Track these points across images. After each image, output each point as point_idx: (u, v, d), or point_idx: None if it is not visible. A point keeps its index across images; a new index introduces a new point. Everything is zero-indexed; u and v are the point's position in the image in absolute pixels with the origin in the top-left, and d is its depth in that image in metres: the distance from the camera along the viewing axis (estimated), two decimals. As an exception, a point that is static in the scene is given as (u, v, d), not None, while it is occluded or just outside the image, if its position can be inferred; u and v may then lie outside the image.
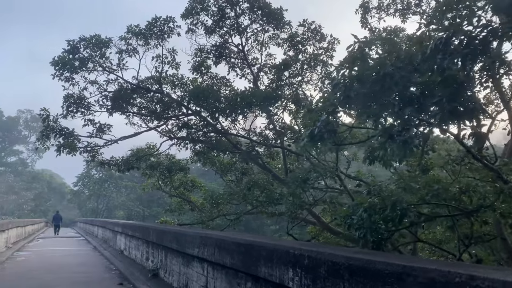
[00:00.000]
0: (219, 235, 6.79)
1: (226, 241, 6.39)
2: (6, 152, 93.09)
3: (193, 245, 7.92)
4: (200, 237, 7.51)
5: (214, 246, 6.82)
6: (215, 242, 6.80)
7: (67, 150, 13.25)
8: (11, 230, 21.67)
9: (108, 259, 16.63)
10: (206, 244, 7.20)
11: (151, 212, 75.29)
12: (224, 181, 18.41)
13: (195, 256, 7.86)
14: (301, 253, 4.36)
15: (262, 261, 5.15)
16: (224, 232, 7.57)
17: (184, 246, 8.52)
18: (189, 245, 8.16)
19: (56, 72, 12.93)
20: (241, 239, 5.99)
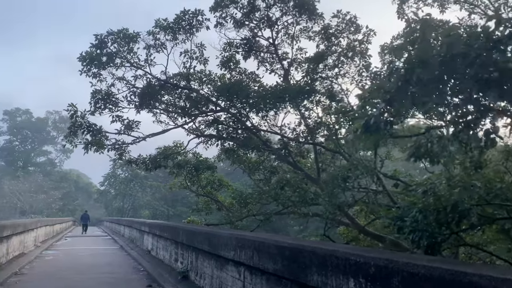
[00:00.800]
0: (258, 237, 6.23)
1: (266, 244, 5.83)
2: (36, 152, 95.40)
3: (227, 247, 7.40)
4: (236, 238, 6.97)
5: (253, 249, 6.27)
6: (253, 245, 6.25)
7: (94, 148, 12.97)
8: (40, 229, 21.75)
9: (135, 259, 16.34)
10: (243, 247, 6.65)
11: (175, 211, 75.76)
12: (252, 180, 17.86)
13: (230, 259, 7.33)
14: (365, 261, 3.74)
15: (313, 268, 4.55)
16: (262, 233, 7.02)
17: (217, 248, 8.00)
18: (223, 247, 7.64)
19: (84, 68, 12.67)
20: (285, 242, 5.42)
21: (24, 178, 70.36)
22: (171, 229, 12.54)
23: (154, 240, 16.19)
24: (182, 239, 11.03)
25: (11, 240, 14.41)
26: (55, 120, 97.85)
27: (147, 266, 14.10)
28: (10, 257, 14.26)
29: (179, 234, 11.42)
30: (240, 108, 12.90)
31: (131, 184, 74.02)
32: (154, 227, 15.59)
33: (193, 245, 10.02)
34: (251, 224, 19.86)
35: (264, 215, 14.29)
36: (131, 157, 15.38)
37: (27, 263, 14.58)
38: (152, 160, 15.97)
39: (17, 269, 12.86)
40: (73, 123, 12.39)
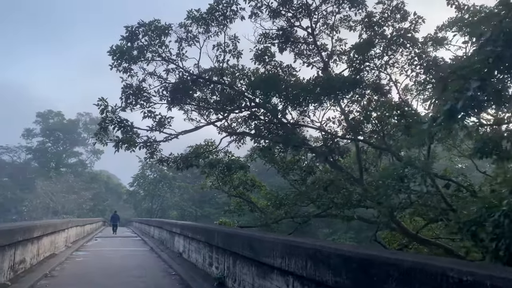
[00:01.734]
0: (313, 244, 5.39)
1: (325, 252, 4.99)
2: (67, 153, 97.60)
3: (273, 253, 6.58)
4: (284, 244, 6.15)
5: (306, 258, 5.44)
6: (306, 253, 5.42)
7: (125, 146, 12.43)
8: (71, 229, 21.58)
9: (166, 262, 15.76)
10: (293, 254, 5.82)
11: (203, 212, 75.77)
12: (287, 181, 16.99)
13: (275, 267, 6.52)
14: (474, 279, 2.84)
15: (393, 283, 3.68)
16: (314, 239, 6.18)
17: (259, 253, 7.20)
18: (267, 253, 6.84)
19: (114, 62, 12.16)
20: (350, 251, 4.55)
21: (56, 179, 71.88)
22: (205, 231, 11.83)
23: (185, 242, 15.57)
24: (217, 242, 10.30)
25: (41, 241, 14.08)
26: (85, 122, 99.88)
27: (179, 269, 13.46)
28: (41, 258, 13.94)
29: (214, 236, 10.70)
30: (279, 104, 12.05)
31: (160, 185, 74.49)
32: (186, 229, 14.97)
33: (230, 249, 9.26)
34: (284, 227, 18.98)
35: (302, 218, 13.39)
36: (162, 155, 14.80)
37: (58, 264, 14.22)
38: (183, 159, 15.34)
39: (48, 271, 12.47)
40: (104, 119, 11.87)
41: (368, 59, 11.81)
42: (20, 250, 11.20)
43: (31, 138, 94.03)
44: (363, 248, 4.94)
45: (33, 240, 12.61)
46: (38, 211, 64.95)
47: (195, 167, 16.95)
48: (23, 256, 11.57)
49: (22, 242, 11.24)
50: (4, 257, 9.71)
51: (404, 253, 5.33)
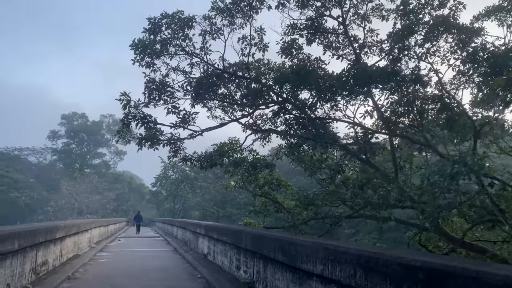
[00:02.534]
0: (363, 250, 4.70)
1: (380, 259, 4.31)
2: (91, 155, 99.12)
3: (311, 259, 5.93)
4: (325, 249, 5.48)
5: (355, 265, 4.76)
6: (356, 260, 4.74)
7: (149, 144, 11.97)
8: (94, 229, 21.40)
9: (191, 264, 15.27)
10: (337, 261, 5.16)
11: (225, 212, 75.64)
12: (315, 180, 16.25)
13: (314, 274, 5.86)
14: None
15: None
16: (360, 244, 5.46)
17: (294, 258, 6.56)
18: (304, 259, 6.19)
19: (136, 56, 11.71)
20: (411, 259, 3.86)
21: (80, 180, 72.87)
22: (232, 232, 11.25)
23: (210, 243, 15.05)
24: (246, 245, 9.70)
25: (64, 241, 13.80)
26: (109, 123, 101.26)
27: (204, 272, 12.93)
28: (64, 260, 13.65)
29: (242, 238, 10.11)
30: (310, 98, 11.32)
31: (182, 185, 74.67)
32: (211, 230, 14.44)
33: (261, 253, 8.65)
34: (312, 229, 18.24)
35: (332, 219, 12.64)
36: (186, 154, 14.30)
37: (81, 265, 13.91)
38: (207, 157, 14.81)
39: (70, 272, 12.14)
40: (126, 115, 11.41)
41: (407, 48, 10.95)
42: (42, 251, 10.88)
43: (56, 140, 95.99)
44: (430, 256, 4.21)
45: (55, 241, 12.30)
46: (63, 211, 65.92)
47: (218, 166, 16.43)
48: (46, 257, 11.25)
49: (44, 243, 10.92)
50: (26, 259, 9.37)
51: (490, 263, 4.53)
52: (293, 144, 12.43)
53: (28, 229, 9.18)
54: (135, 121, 11.47)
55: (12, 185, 70.67)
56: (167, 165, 76.14)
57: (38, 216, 69.89)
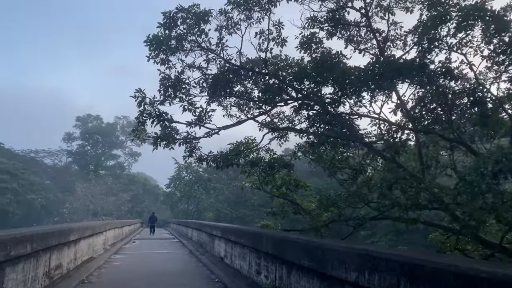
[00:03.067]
0: (409, 257, 4.16)
1: (427, 268, 3.78)
2: (106, 156, 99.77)
3: (344, 265, 5.41)
4: (362, 256, 4.96)
5: (398, 274, 4.23)
6: (399, 268, 4.21)
7: (164, 143, 11.57)
8: (109, 231, 21.14)
9: (208, 267, 14.83)
10: (377, 269, 4.63)
11: (238, 214, 75.29)
12: (331, 182, 15.68)
13: (347, 282, 5.34)
14: None
15: None
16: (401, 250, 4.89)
17: (323, 264, 6.04)
18: (334, 265, 5.67)
19: (151, 53, 11.32)
20: (475, 269, 3.32)
21: (95, 181, 73.28)
22: (251, 235, 10.76)
23: (227, 246, 14.60)
24: (267, 249, 9.20)
25: (79, 244, 13.48)
26: (123, 125, 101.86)
27: (222, 276, 12.46)
28: (78, 263, 13.33)
29: (262, 242, 9.61)
30: (332, 93, 10.72)
31: (195, 186, 74.54)
32: (228, 232, 13.98)
33: (283, 257, 8.14)
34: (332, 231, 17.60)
35: (356, 221, 12.05)
36: (202, 154, 13.86)
37: (96, 268, 13.59)
38: (223, 157, 14.36)
39: (85, 276, 11.79)
40: (141, 112, 11.01)
41: (438, 39, 10.29)
42: (56, 254, 10.53)
43: (71, 142, 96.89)
44: (489, 265, 3.65)
45: (69, 243, 11.97)
46: (78, 213, 66.34)
47: (233, 167, 15.95)
48: (59, 261, 10.91)
49: (58, 246, 10.57)
50: (39, 263, 9.02)
51: None
52: (315, 142, 11.83)
53: (41, 231, 8.83)
54: (150, 118, 11.06)
55: (28, 187, 71.40)
56: (181, 166, 76.16)
57: (54, 218, 70.54)
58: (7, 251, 6.82)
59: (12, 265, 7.36)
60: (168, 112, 11.26)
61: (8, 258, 6.90)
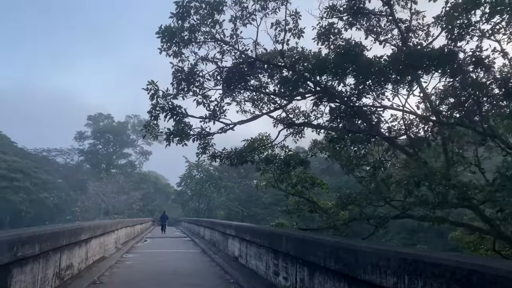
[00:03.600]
0: (459, 262, 3.65)
1: (487, 275, 3.26)
2: (117, 155, 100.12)
3: (379, 269, 4.90)
4: (402, 258, 4.44)
5: (448, 281, 3.72)
6: (450, 273, 3.70)
7: (177, 139, 11.13)
8: (121, 230, 20.83)
9: (222, 267, 14.39)
10: (421, 274, 4.10)
11: (249, 212, 75.00)
12: (354, 178, 15.13)
13: (381, 287, 4.84)
14: None
15: None
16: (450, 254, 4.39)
17: (353, 267, 5.53)
18: (367, 268, 5.16)
19: (163, 45, 10.88)
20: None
21: (107, 180, 73.43)
22: (268, 234, 10.27)
23: (242, 245, 14.13)
24: (287, 249, 8.71)
25: (90, 243, 13.12)
26: (134, 124, 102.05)
27: (237, 277, 12.01)
28: (89, 262, 12.98)
29: (281, 242, 9.12)
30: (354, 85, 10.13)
31: (206, 185, 74.32)
32: (243, 231, 13.51)
33: (305, 258, 7.63)
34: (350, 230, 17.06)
35: (377, 220, 11.49)
36: (216, 150, 13.41)
37: (107, 268, 13.23)
38: (238, 154, 13.89)
39: (96, 277, 11.42)
40: (154, 106, 10.55)
41: (469, 25, 9.63)
42: (67, 254, 10.17)
43: (83, 141, 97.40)
44: None
45: (80, 243, 11.61)
46: (90, 211, 66.55)
47: (246, 164, 15.48)
48: (70, 261, 10.55)
49: (68, 246, 10.20)
50: (48, 264, 8.64)
51: None
52: (335, 137, 11.25)
53: (50, 231, 8.44)
54: (163, 112, 10.61)
55: (41, 185, 71.87)
56: (191, 165, 76.06)
57: (66, 216, 70.93)
58: (14, 252, 6.43)
59: (20, 266, 6.97)
60: (182, 105, 10.77)
61: (15, 259, 6.51)
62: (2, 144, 77.16)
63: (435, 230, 50.40)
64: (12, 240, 6.30)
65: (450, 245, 49.15)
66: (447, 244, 49.26)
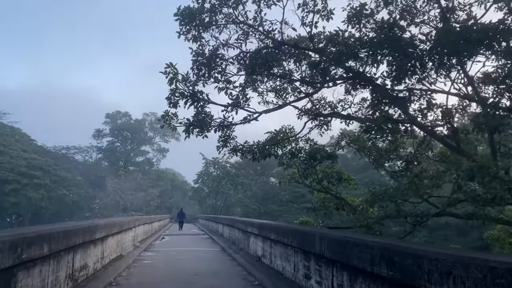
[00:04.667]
0: None
1: None
2: (135, 152, 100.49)
3: (453, 279, 3.97)
4: (493, 269, 3.51)
5: None
6: None
7: (197, 130, 10.30)
8: (139, 227, 20.22)
9: (244, 267, 13.56)
10: None
11: (266, 209, 74.19)
12: (386, 173, 14.10)
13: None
14: None
15: None
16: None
17: (414, 275, 4.59)
18: (434, 277, 4.23)
19: (182, 28, 10.04)
20: None
21: (125, 177, 73.58)
22: (298, 234, 9.37)
23: (265, 244, 13.27)
24: (321, 250, 7.80)
25: (106, 242, 12.45)
26: (151, 121, 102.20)
27: (262, 278, 11.15)
28: (106, 262, 12.31)
29: (313, 242, 8.21)
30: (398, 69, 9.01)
31: (223, 182, 73.75)
32: (267, 230, 12.65)
33: (344, 262, 6.72)
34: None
35: (415, 217, 10.46)
36: (237, 144, 12.54)
37: (124, 268, 12.54)
38: (260, 147, 13.01)
39: (112, 278, 10.72)
40: (173, 91, 9.69)
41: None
42: (81, 254, 9.46)
43: (101, 138, 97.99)
44: None
45: (96, 241, 10.92)
46: (109, 208, 66.72)
47: (269, 158, 14.57)
48: (85, 261, 9.85)
49: (82, 245, 9.50)
50: (60, 265, 7.92)
51: None
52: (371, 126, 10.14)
53: (61, 230, 7.72)
54: (183, 98, 9.75)
55: (60, 182, 72.42)
56: (208, 162, 75.65)
57: (85, 213, 71.32)
58: (18, 254, 5.69)
59: (26, 269, 6.24)
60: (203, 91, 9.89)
61: (19, 261, 5.77)
62: (22, 141, 78.09)
63: (457, 228, 48.64)
64: (15, 240, 5.56)
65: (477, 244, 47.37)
66: (472, 243, 47.52)
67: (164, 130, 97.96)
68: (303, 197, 72.24)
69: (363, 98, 13.34)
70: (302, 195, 72.07)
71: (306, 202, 70.26)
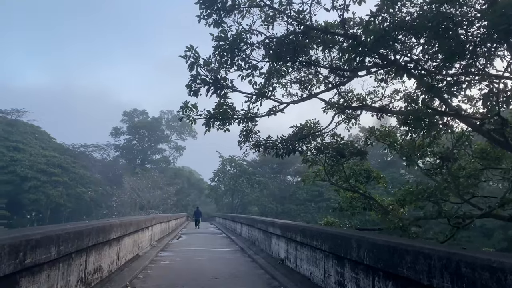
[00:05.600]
0: None
1: None
2: (152, 150, 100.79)
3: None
4: None
5: None
6: None
7: (218, 123, 9.53)
8: (155, 226, 19.62)
9: (266, 270, 12.75)
10: None
11: (284, 208, 73.32)
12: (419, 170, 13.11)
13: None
14: None
15: None
16: None
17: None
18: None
19: (203, 12, 9.28)
20: None
21: (142, 175, 73.63)
22: (330, 237, 8.49)
23: (290, 246, 12.44)
24: (359, 256, 6.93)
25: (122, 242, 11.81)
26: (168, 120, 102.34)
27: (287, 283, 10.33)
28: (122, 263, 11.67)
29: (350, 246, 7.35)
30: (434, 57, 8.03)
31: (239, 180, 73.12)
32: (292, 231, 11.81)
33: (390, 270, 5.86)
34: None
35: (456, 219, 9.48)
36: (260, 138, 11.73)
37: (141, 270, 11.88)
38: (285, 143, 12.16)
39: (128, 280, 10.04)
40: (193, 78, 8.89)
41: None
42: (94, 256, 8.80)
43: (119, 136, 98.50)
44: None
45: (111, 242, 10.26)
46: (126, 206, 66.81)
47: (294, 154, 13.67)
48: (99, 263, 9.19)
49: (96, 246, 8.84)
50: (71, 269, 7.24)
51: None
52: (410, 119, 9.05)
53: (72, 230, 7.03)
54: (205, 86, 8.96)
55: (78, 180, 72.95)
56: (225, 160, 75.16)
57: (103, 211, 71.67)
58: (20, 259, 5.00)
59: (31, 275, 5.55)
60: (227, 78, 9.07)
61: (22, 267, 5.07)
62: (41, 140, 78.93)
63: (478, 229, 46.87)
64: (15, 244, 4.86)
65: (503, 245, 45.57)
66: (498, 244, 45.88)
67: (181, 128, 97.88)
68: (320, 195, 71.02)
69: (395, 90, 12.38)
70: (319, 193, 70.87)
71: (323, 201, 69.06)
